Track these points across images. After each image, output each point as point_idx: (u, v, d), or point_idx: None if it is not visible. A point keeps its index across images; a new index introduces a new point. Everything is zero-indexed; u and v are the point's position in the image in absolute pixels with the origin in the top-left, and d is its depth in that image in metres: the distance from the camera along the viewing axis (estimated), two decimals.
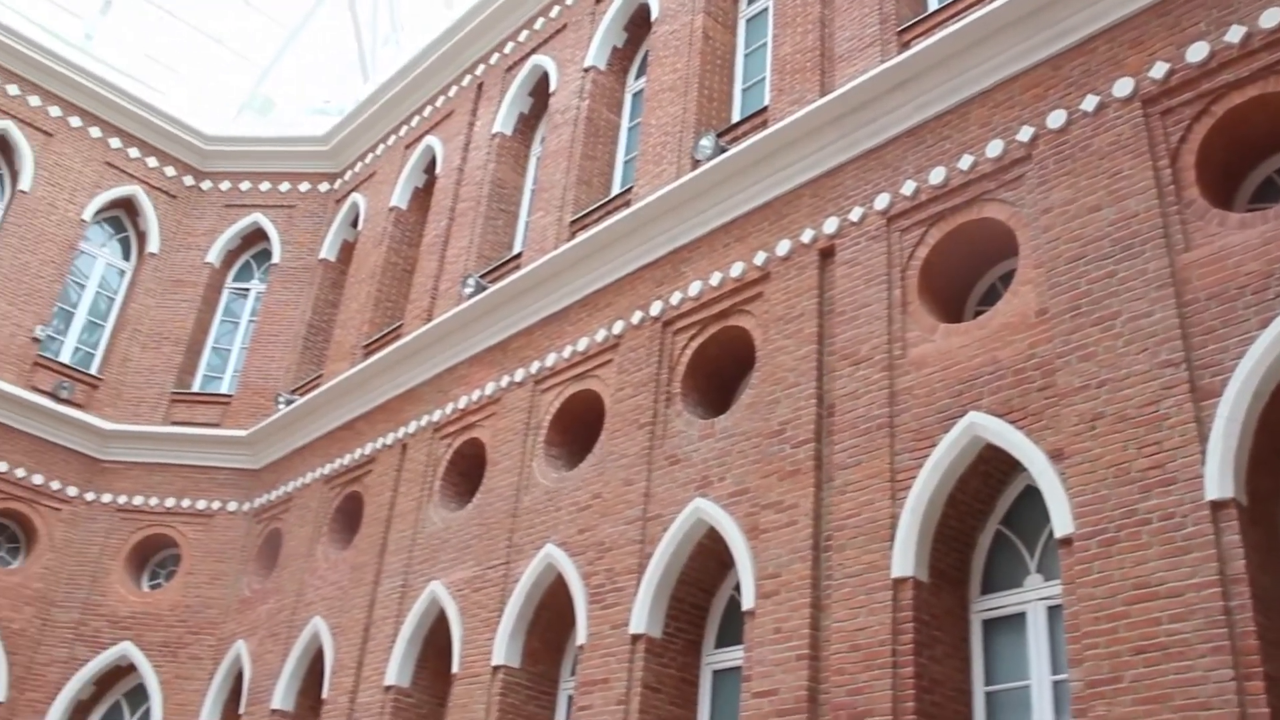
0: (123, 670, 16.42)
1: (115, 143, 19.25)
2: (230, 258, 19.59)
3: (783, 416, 9.24)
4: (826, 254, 9.67)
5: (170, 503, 17.17)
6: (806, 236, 9.87)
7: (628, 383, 10.99)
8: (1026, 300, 8.06)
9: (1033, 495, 7.83)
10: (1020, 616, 7.85)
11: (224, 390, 18.44)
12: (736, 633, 9.33)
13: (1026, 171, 8.48)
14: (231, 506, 17.01)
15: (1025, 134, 8.56)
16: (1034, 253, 8.16)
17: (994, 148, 8.74)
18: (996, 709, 7.77)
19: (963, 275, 9.16)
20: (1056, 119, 8.38)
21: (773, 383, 9.50)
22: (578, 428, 11.76)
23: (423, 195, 17.15)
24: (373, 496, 14.15)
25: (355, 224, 18.39)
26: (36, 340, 17.58)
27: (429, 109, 17.53)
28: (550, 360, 12.20)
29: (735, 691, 9.04)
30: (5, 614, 16.16)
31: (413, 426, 13.95)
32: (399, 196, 17.25)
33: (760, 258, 10.23)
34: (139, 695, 16.39)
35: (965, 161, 8.91)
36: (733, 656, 9.46)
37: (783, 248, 10.04)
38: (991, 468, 8.03)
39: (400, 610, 12.59)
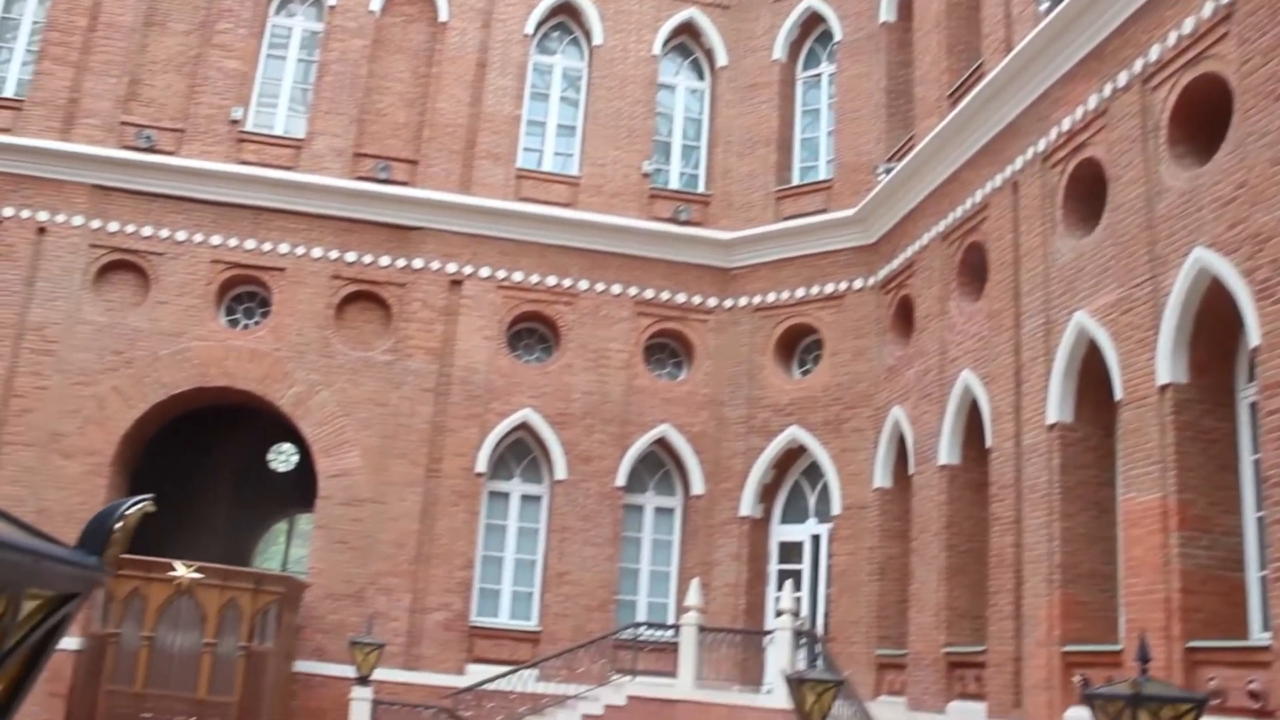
0: (794, 452, 17.77)
1: None
2: (794, 49, 19.79)
3: None
4: None
5: (800, 293, 18.07)
6: None
7: (1253, 52, 9.75)
8: None
9: None
10: None
11: (822, 177, 18.87)
12: None
13: None
14: (857, 284, 17.55)
15: None
16: None
17: None
18: None
19: None
20: None
21: None
22: (1202, 118, 10.68)
23: None
24: (994, 242, 13.93)
25: None
26: (646, 175, 19.06)
27: None
28: (1154, 53, 11.13)
29: None
30: (685, 420, 18.07)
31: (1019, 162, 13.45)
32: None
33: None
34: (814, 472, 17.69)
35: None
36: None
37: None
38: None
39: (1048, 347, 12.39)
